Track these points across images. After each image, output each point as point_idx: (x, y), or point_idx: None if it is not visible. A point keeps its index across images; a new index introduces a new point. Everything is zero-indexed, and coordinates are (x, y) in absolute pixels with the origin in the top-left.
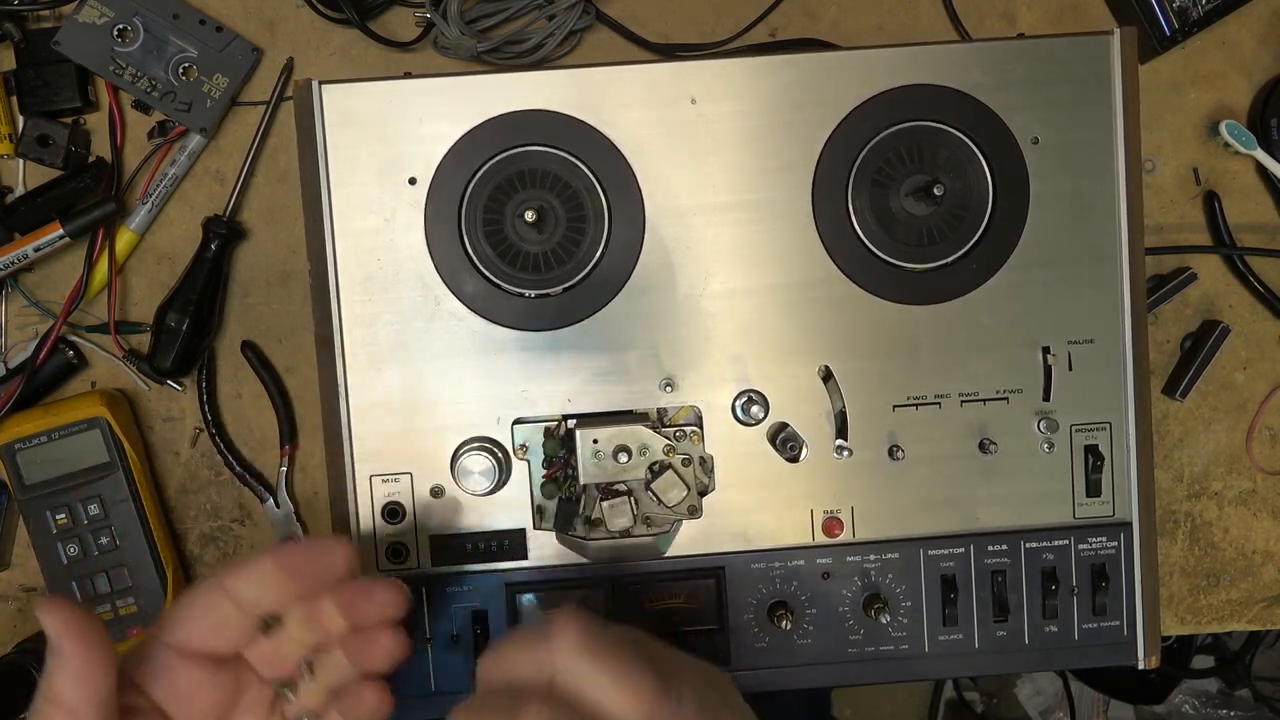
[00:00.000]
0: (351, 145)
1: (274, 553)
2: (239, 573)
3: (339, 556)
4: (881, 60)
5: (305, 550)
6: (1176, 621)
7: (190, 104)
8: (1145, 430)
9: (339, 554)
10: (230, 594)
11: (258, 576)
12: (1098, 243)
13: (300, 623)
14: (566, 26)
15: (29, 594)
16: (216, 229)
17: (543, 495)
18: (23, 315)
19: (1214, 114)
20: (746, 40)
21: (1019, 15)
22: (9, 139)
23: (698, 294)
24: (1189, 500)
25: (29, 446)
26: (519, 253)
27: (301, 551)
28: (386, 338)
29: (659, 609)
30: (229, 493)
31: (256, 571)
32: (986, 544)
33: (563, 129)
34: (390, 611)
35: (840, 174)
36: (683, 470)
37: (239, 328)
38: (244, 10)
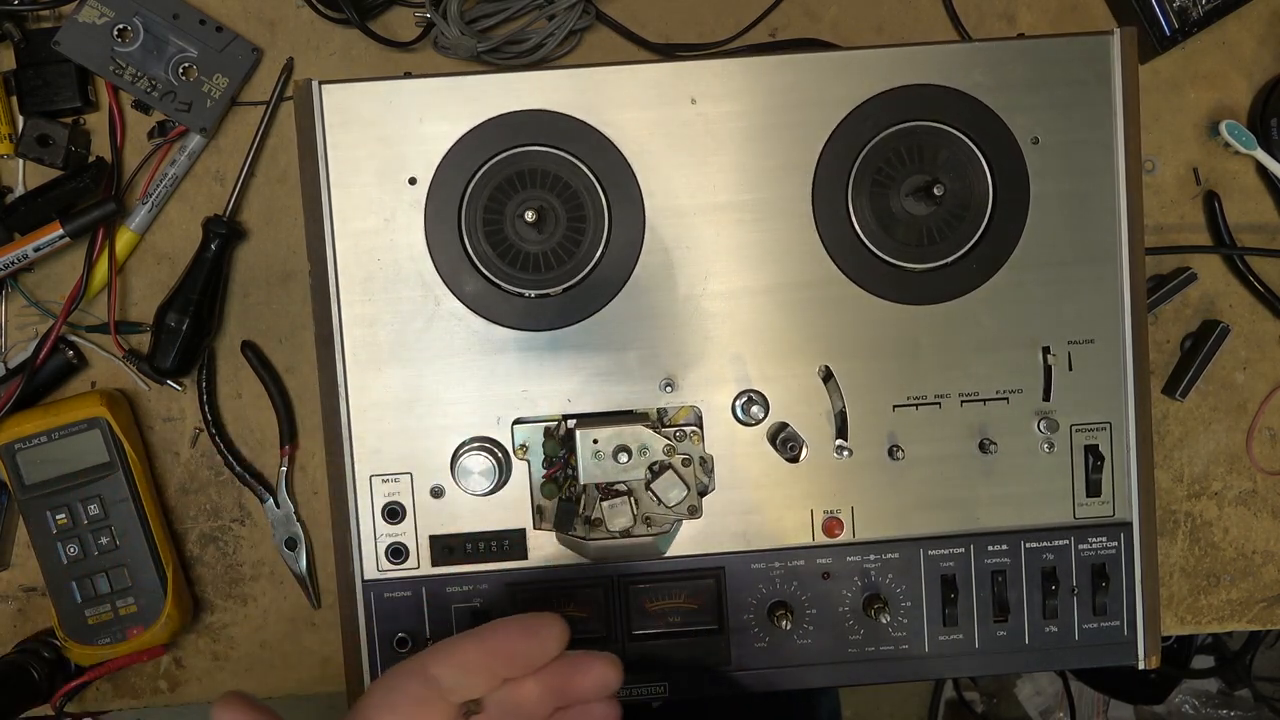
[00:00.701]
0: (351, 145)
1: (482, 636)
2: (443, 659)
3: (552, 639)
4: (881, 60)
5: (516, 632)
6: (1176, 621)
7: (190, 104)
8: (1145, 430)
9: (553, 636)
10: (433, 681)
11: (462, 662)
12: (1098, 243)
13: (501, 708)
14: (566, 26)
15: (29, 594)
16: (216, 229)
17: (543, 495)
18: (23, 315)
19: (1214, 114)
20: (746, 40)
21: (1019, 15)
22: (9, 139)
23: (698, 294)
24: (1189, 500)
25: (29, 446)
26: (519, 253)
27: (512, 634)
28: (386, 338)
29: (659, 609)
30: (229, 493)
31: (461, 658)
32: (986, 544)
33: (563, 129)
34: (605, 688)
35: (840, 174)
36: (683, 470)
37: (239, 328)
38: (244, 10)
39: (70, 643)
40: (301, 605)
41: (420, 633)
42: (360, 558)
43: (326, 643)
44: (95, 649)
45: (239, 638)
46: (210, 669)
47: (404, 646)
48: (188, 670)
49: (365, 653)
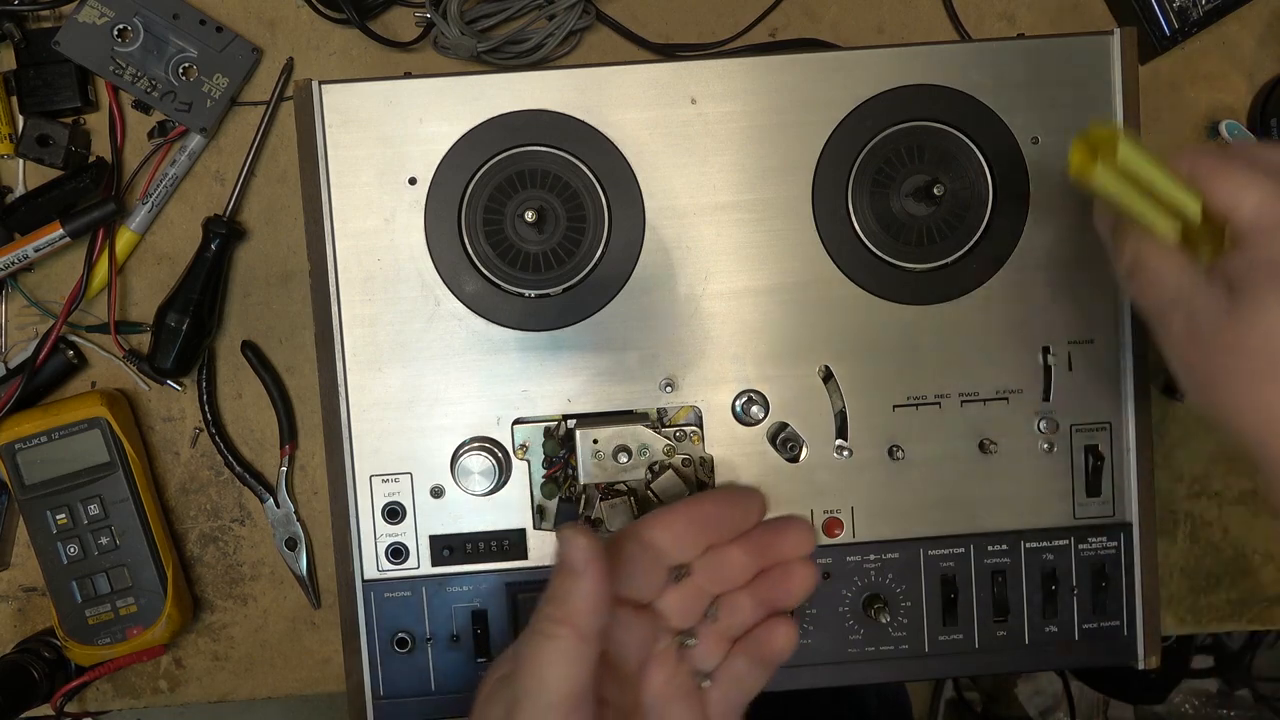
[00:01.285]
0: (351, 145)
1: (690, 506)
2: (656, 525)
3: (753, 508)
4: (881, 60)
5: (720, 502)
6: (1176, 621)
7: (190, 104)
8: (1145, 430)
9: (753, 505)
10: (648, 545)
11: (672, 528)
12: (1098, 243)
13: (708, 571)
14: (566, 26)
15: (29, 594)
16: (216, 229)
17: (543, 495)
18: (23, 315)
19: (1214, 114)
20: (746, 40)
21: (1019, 15)
22: (9, 139)
23: (698, 294)
24: (1189, 500)
25: (29, 446)
26: (519, 253)
27: (717, 503)
28: (386, 338)
29: None
30: (229, 493)
31: (672, 524)
32: (986, 544)
33: (563, 129)
34: (802, 549)
35: (840, 174)
36: (683, 470)
37: (239, 328)
38: (244, 10)
39: (70, 643)
40: (301, 605)
41: (420, 633)
42: (360, 557)
43: (326, 643)
44: (95, 649)
45: (239, 638)
46: (210, 669)
47: (404, 646)
48: (188, 670)
49: (365, 653)
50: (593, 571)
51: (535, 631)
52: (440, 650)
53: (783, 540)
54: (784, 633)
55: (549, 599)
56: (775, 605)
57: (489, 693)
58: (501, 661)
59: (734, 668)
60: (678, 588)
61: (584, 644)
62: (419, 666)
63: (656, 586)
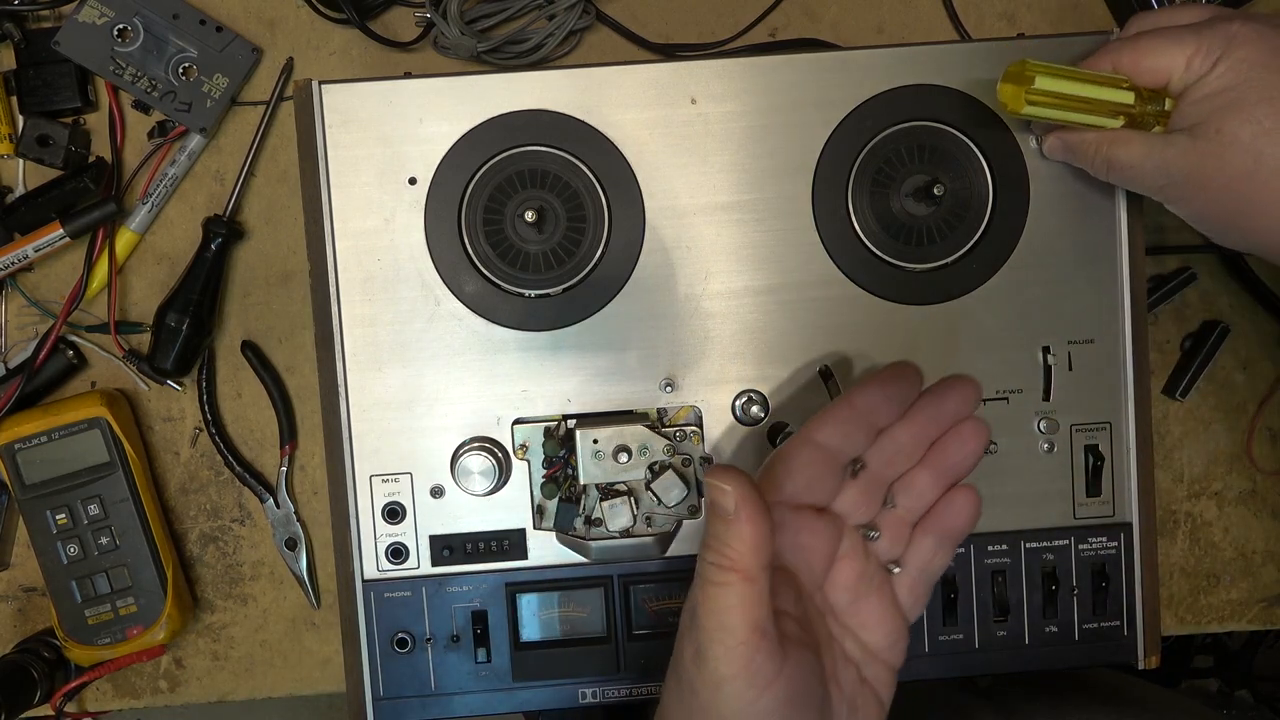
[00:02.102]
0: (351, 145)
1: (849, 398)
2: (821, 425)
3: (908, 382)
4: (881, 60)
5: (878, 387)
6: (1176, 621)
7: (190, 104)
8: (1145, 430)
9: (908, 380)
10: (819, 446)
11: (838, 424)
12: (1098, 243)
13: (880, 458)
14: (566, 26)
15: (29, 594)
16: (216, 229)
17: (543, 495)
18: (23, 315)
19: None
20: (746, 40)
21: (1019, 15)
22: (9, 139)
23: (698, 294)
24: (1189, 500)
25: (29, 446)
26: (519, 253)
27: (872, 389)
28: (386, 338)
29: (659, 609)
30: (229, 493)
31: (838, 421)
32: (986, 544)
33: (563, 129)
34: (966, 407)
35: (840, 174)
36: (683, 470)
37: (239, 328)
38: (244, 10)
39: (70, 643)
40: (301, 605)
41: (420, 633)
42: (360, 557)
43: (326, 643)
44: (95, 649)
45: (239, 638)
46: (210, 669)
47: (404, 646)
48: (188, 670)
49: (365, 653)
50: (746, 511)
51: (704, 580)
52: (440, 650)
53: (946, 404)
54: (965, 502)
55: (709, 546)
56: (952, 475)
57: (680, 635)
58: (684, 611)
59: (920, 550)
60: (854, 483)
61: (753, 584)
62: (419, 666)
63: (833, 488)
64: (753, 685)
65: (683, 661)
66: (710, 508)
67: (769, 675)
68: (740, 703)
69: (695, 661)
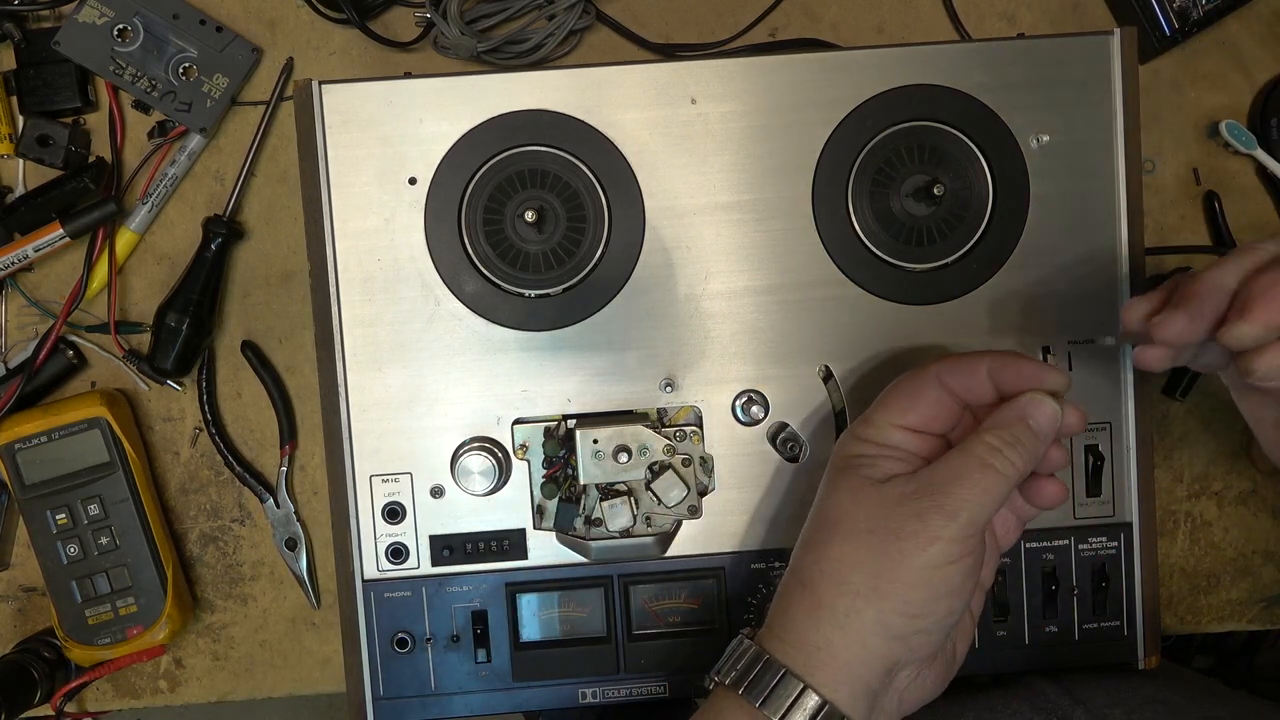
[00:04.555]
0: (351, 145)
1: (990, 361)
2: (956, 371)
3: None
4: (881, 60)
5: (1019, 371)
6: (1176, 621)
7: (190, 104)
8: (1145, 430)
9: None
10: (947, 388)
11: (971, 377)
12: (1098, 243)
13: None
14: (566, 26)
15: (29, 594)
16: (216, 229)
17: (543, 495)
18: (23, 315)
19: (1214, 114)
20: (746, 40)
21: (1019, 15)
22: (9, 139)
23: (698, 294)
24: (1189, 500)
25: (29, 446)
26: (519, 253)
27: (1016, 371)
28: (386, 338)
29: (659, 609)
30: (229, 493)
31: (971, 374)
32: None
33: (563, 129)
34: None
35: (840, 174)
36: (683, 470)
37: (239, 328)
38: (244, 10)
39: (70, 643)
40: (301, 605)
41: (420, 632)
42: (360, 557)
43: (326, 643)
44: (95, 649)
45: (239, 638)
46: (210, 669)
47: (404, 646)
48: (188, 670)
49: (365, 653)
50: (1050, 438)
51: (982, 462)
52: (440, 650)
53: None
54: (1054, 490)
55: (1008, 442)
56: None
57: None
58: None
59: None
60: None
61: (1012, 488)
62: (419, 666)
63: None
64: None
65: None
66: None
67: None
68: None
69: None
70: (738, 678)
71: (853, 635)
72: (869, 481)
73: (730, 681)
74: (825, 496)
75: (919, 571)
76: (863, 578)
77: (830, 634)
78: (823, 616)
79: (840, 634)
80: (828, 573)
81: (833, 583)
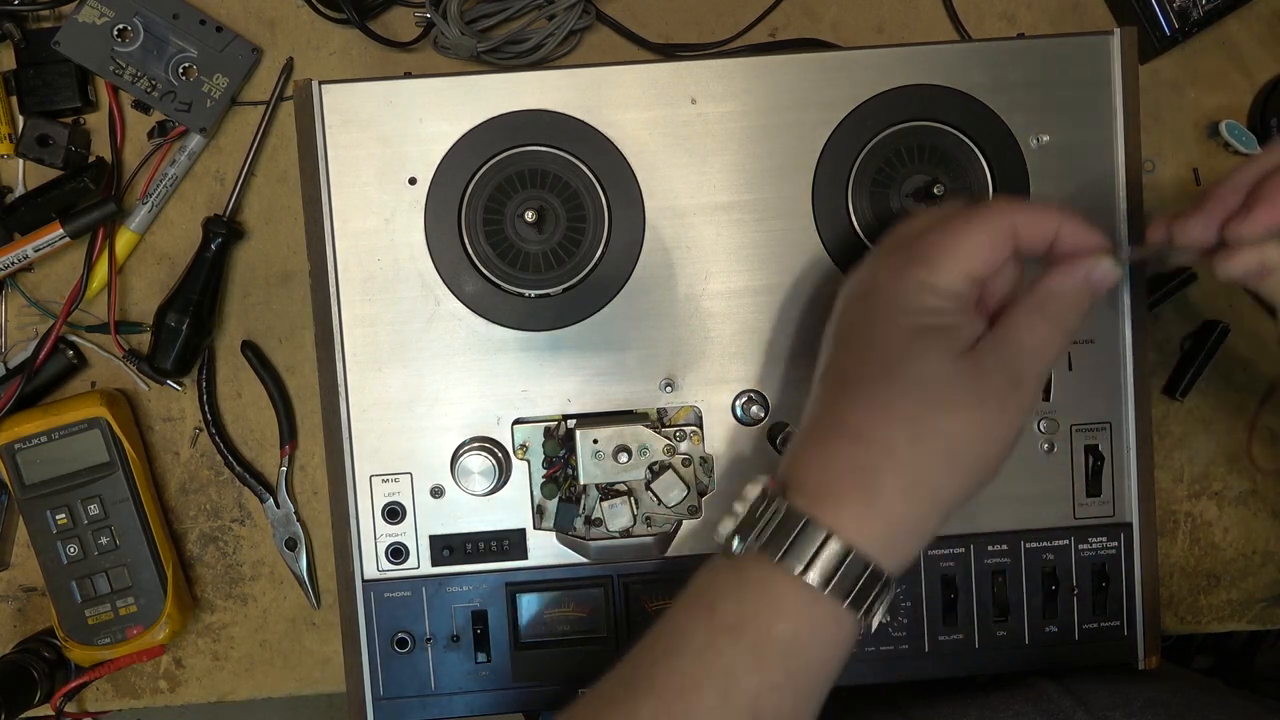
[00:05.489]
0: (351, 145)
1: (1061, 219)
2: (1032, 221)
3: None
4: (881, 60)
5: (1087, 235)
6: (1176, 621)
7: (190, 104)
8: (1145, 430)
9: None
10: (1013, 235)
11: (1044, 229)
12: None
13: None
14: (566, 26)
15: (29, 594)
16: (216, 229)
17: (543, 495)
18: (23, 315)
19: (1214, 114)
20: (746, 40)
21: (1019, 15)
22: (9, 139)
23: (698, 294)
24: (1189, 500)
25: (29, 446)
26: (519, 253)
27: (1085, 234)
28: (386, 338)
29: (659, 609)
30: (229, 493)
31: (1046, 225)
32: (986, 544)
33: (563, 129)
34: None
35: (840, 174)
36: (683, 470)
37: (239, 328)
38: (244, 10)
39: (70, 643)
40: (301, 605)
41: (420, 632)
42: (360, 557)
43: (326, 643)
44: (95, 649)
45: (239, 638)
46: (210, 669)
47: (404, 646)
48: (188, 670)
49: (365, 653)
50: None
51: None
52: (440, 650)
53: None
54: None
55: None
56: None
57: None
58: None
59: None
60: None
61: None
62: (419, 666)
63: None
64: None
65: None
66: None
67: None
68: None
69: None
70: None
71: (921, 506)
72: (956, 349)
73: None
74: (902, 361)
75: (1008, 443)
76: (947, 448)
77: (894, 501)
78: (886, 482)
79: (905, 503)
80: (910, 440)
81: (913, 453)
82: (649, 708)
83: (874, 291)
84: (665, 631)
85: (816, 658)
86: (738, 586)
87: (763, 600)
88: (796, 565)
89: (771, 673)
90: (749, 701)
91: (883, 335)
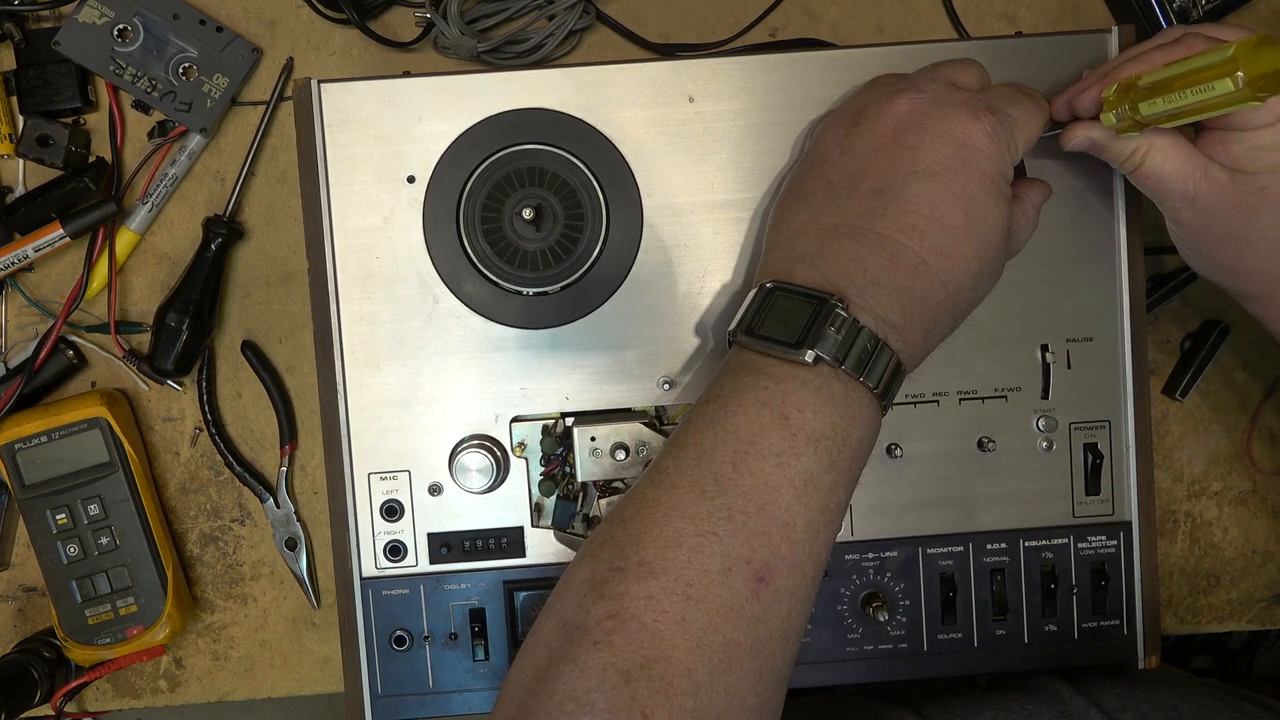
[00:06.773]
0: (350, 144)
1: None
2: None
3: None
4: (881, 59)
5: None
6: (1176, 621)
7: (190, 104)
8: (1145, 429)
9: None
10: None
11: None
12: (1097, 242)
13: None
14: (566, 26)
15: (29, 594)
16: (216, 229)
17: (541, 493)
18: (23, 315)
19: None
20: (746, 40)
21: (1019, 15)
22: (9, 139)
23: (696, 292)
24: (1189, 500)
25: (29, 446)
26: (517, 251)
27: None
28: (385, 336)
29: None
30: (229, 493)
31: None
32: (985, 543)
33: (561, 127)
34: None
35: None
36: None
37: (239, 328)
38: (244, 10)
39: (70, 643)
40: (301, 605)
41: (418, 631)
42: (358, 555)
43: (326, 643)
44: (95, 649)
45: (239, 638)
46: (210, 669)
47: (402, 644)
48: (188, 670)
49: (363, 650)
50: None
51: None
52: (438, 648)
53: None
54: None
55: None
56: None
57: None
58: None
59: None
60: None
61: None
62: (417, 664)
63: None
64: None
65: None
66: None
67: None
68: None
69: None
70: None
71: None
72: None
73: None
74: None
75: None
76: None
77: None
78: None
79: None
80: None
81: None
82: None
83: (968, 145)
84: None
85: (867, 453)
86: (816, 397)
87: (843, 412)
88: (872, 382)
89: (843, 473)
90: (822, 497)
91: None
